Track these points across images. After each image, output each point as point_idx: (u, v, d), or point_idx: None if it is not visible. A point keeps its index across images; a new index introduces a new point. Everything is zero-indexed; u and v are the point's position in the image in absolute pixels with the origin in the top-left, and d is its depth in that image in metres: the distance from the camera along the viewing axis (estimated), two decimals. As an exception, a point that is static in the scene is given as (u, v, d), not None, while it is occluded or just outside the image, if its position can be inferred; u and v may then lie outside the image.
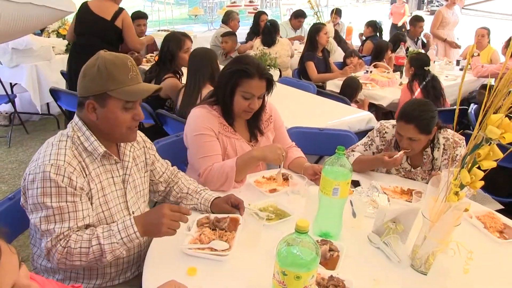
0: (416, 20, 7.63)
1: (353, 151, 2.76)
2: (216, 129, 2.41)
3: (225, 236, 1.87)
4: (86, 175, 1.75)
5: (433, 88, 4.51)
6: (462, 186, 1.65)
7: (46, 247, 1.67)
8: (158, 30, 8.57)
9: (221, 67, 2.61)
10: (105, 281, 1.88)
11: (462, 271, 1.71)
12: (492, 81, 1.76)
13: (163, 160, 2.20)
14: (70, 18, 6.07)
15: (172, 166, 2.26)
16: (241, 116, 2.46)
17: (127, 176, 1.91)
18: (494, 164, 1.57)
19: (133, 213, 1.91)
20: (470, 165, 1.61)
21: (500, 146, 1.58)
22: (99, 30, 4.46)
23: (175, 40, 3.84)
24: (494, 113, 1.53)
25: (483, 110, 1.55)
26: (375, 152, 2.73)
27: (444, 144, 2.58)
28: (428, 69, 4.62)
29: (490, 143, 1.54)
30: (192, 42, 3.92)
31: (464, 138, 2.57)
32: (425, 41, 7.82)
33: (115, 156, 1.86)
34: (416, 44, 7.68)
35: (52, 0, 2.78)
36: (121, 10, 4.51)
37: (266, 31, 6.13)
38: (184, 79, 3.69)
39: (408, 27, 8.46)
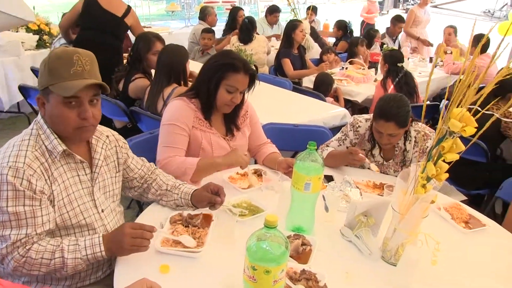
0: (397, 20, 7.73)
1: (327, 146, 2.80)
2: (190, 123, 2.43)
3: (198, 232, 1.87)
4: (48, 176, 1.70)
5: (406, 85, 4.59)
6: (428, 179, 1.69)
7: (0, 254, 1.62)
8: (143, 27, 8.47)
9: (198, 63, 2.62)
10: (75, 282, 1.85)
11: (430, 261, 1.76)
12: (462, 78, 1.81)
13: (138, 157, 2.17)
14: (41, 13, 5.96)
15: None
16: (222, 110, 2.47)
17: (96, 174, 1.87)
18: (457, 157, 1.62)
19: (102, 211, 1.88)
20: (435, 158, 1.66)
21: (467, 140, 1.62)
22: (110, 25, 4.43)
23: (145, 41, 3.77)
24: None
25: (449, 105, 1.60)
26: (349, 146, 2.77)
27: (415, 137, 2.66)
28: (402, 66, 4.69)
29: (453, 136, 1.59)
30: (164, 44, 3.87)
31: (434, 131, 2.63)
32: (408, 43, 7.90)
33: (81, 154, 1.82)
34: (394, 43, 7.77)
35: (11, 7, 2.72)
36: (130, 7, 4.53)
37: (244, 28, 6.11)
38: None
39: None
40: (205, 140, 2.46)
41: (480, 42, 1.59)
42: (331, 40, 8.46)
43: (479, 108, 1.63)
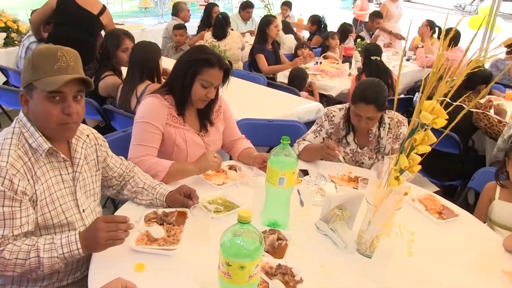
0: (375, 16, 7.79)
1: (304, 140, 2.82)
2: (163, 121, 2.41)
3: (173, 230, 1.86)
4: (31, 176, 1.68)
5: (379, 77, 4.62)
6: (401, 171, 1.70)
7: None
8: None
9: (171, 60, 2.59)
10: (52, 282, 1.83)
11: (405, 252, 1.78)
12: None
13: (117, 156, 2.15)
14: (9, 10, 5.80)
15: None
16: (196, 105, 2.46)
17: (77, 174, 1.85)
18: (429, 149, 1.64)
19: (83, 211, 1.86)
20: (408, 150, 1.67)
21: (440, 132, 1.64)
22: (85, 22, 4.38)
23: (114, 38, 3.72)
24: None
25: (420, 98, 1.62)
26: (324, 137, 2.82)
27: (389, 124, 2.72)
28: (375, 59, 4.73)
29: (425, 128, 1.60)
30: (133, 41, 3.80)
31: (407, 119, 2.69)
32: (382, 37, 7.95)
33: (62, 153, 1.79)
34: (371, 37, 7.83)
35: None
36: (105, 7, 4.51)
37: (217, 24, 6.08)
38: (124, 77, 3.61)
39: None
40: (179, 136, 2.45)
41: (448, 35, 1.60)
42: (305, 35, 8.50)
43: (450, 101, 1.65)
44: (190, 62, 2.38)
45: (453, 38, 5.84)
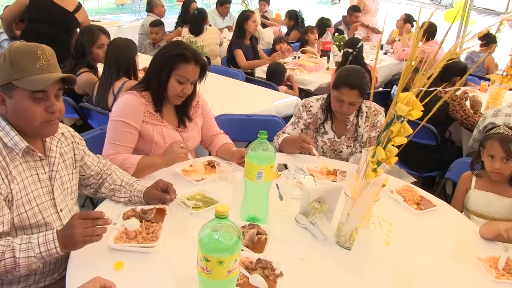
0: (353, 10, 7.82)
1: (283, 132, 2.85)
2: (140, 119, 2.39)
3: (152, 227, 1.85)
4: (5, 175, 1.65)
5: None
6: (379, 163, 1.72)
7: None
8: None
9: (149, 57, 2.57)
10: (28, 284, 1.79)
11: (384, 243, 1.79)
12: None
13: (94, 154, 2.13)
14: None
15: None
16: (173, 101, 2.44)
17: (54, 172, 1.82)
18: (405, 140, 1.65)
19: (61, 210, 1.84)
20: (385, 142, 1.68)
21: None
22: (60, 19, 4.32)
23: (89, 34, 3.68)
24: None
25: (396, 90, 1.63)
26: (302, 128, 2.85)
27: (366, 112, 2.78)
28: (351, 51, 4.77)
29: (402, 120, 1.62)
30: (109, 37, 3.78)
31: (384, 109, 2.72)
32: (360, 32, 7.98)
33: (39, 152, 1.77)
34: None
35: None
36: (81, 5, 4.45)
37: (193, 20, 6.05)
38: (100, 74, 3.58)
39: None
40: (157, 133, 2.43)
41: (422, 28, 1.61)
42: (283, 30, 8.50)
43: (426, 89, 1.66)
44: (166, 57, 2.36)
45: (429, 31, 5.97)
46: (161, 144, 2.43)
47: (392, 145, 1.68)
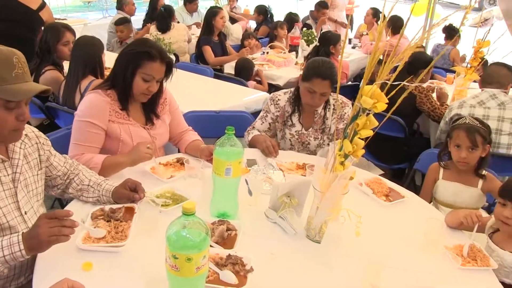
0: (320, 6, 7.84)
1: (253, 127, 2.86)
2: (106, 118, 2.35)
3: (121, 226, 1.82)
4: None
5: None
6: (346, 156, 1.73)
7: None
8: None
9: (116, 55, 2.53)
10: None
11: (353, 235, 1.81)
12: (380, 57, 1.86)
13: (60, 155, 2.08)
14: None
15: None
16: (139, 99, 2.42)
17: (18, 174, 1.77)
18: (371, 133, 1.67)
19: (25, 213, 1.79)
20: (351, 135, 1.69)
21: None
22: (24, 18, 4.22)
23: (54, 31, 3.62)
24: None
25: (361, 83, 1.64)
26: (270, 122, 2.87)
27: (333, 104, 2.81)
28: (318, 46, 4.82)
29: (367, 113, 1.63)
30: (74, 34, 3.72)
31: (351, 101, 2.76)
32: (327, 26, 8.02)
33: (1, 154, 1.72)
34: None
35: None
36: (45, 2, 4.36)
37: (160, 17, 6.01)
38: (66, 72, 3.51)
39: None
40: (124, 132, 2.40)
41: (384, 21, 1.63)
42: (252, 26, 8.50)
43: (391, 82, 1.68)
44: (131, 55, 2.33)
45: (396, 25, 6.04)
46: (128, 142, 2.40)
47: (359, 138, 1.69)
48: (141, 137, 2.43)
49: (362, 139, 1.69)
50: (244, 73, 4.88)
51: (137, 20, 7.15)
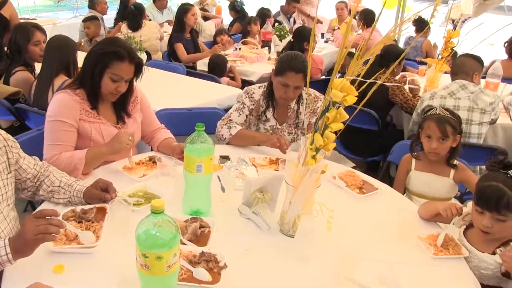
0: (292, 0, 7.86)
1: (230, 120, 2.79)
2: (76, 117, 2.32)
3: (93, 227, 1.80)
4: None
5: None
6: (317, 150, 1.72)
7: None
8: (20, 19, 7.95)
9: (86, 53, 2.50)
10: None
11: (326, 228, 1.81)
12: (353, 51, 1.86)
13: (30, 157, 2.04)
14: None
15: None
16: (107, 99, 2.39)
17: None
18: (341, 126, 1.66)
19: None
20: (322, 129, 1.69)
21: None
22: None
23: (23, 31, 3.54)
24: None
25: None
26: (247, 114, 2.83)
27: (306, 99, 2.80)
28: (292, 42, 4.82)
29: (337, 106, 1.63)
30: (45, 34, 3.65)
31: (323, 95, 2.76)
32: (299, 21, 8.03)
33: None
34: (289, 21, 7.90)
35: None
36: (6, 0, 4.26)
37: (130, 15, 5.96)
38: (38, 73, 3.45)
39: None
40: (95, 131, 2.36)
41: (352, 14, 1.63)
42: (225, 23, 8.48)
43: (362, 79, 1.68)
44: (99, 54, 2.30)
45: (368, 18, 6.09)
46: (99, 141, 2.37)
47: (330, 131, 1.68)
48: (113, 136, 2.39)
49: (334, 132, 1.68)
50: (218, 70, 4.86)
51: (109, 19, 7.06)
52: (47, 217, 1.54)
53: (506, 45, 5.10)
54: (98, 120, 2.39)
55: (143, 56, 4.55)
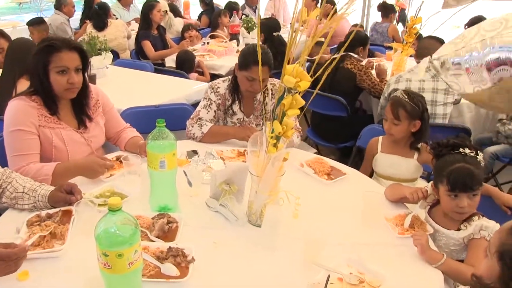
0: None
1: (199, 118, 2.76)
2: (36, 123, 2.26)
3: (58, 230, 1.78)
4: None
5: (280, 54, 4.70)
6: (277, 138, 1.73)
7: None
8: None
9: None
10: None
11: (292, 216, 1.83)
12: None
13: None
14: None
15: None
16: (65, 96, 2.32)
17: None
18: (298, 112, 1.68)
19: None
20: (280, 116, 1.70)
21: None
22: None
23: None
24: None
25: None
26: (216, 110, 2.80)
27: (272, 90, 2.79)
28: (278, 35, 4.82)
29: (292, 93, 1.64)
30: (8, 39, 3.59)
31: None
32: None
33: None
34: (255, 12, 7.89)
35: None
36: None
37: (95, 15, 5.89)
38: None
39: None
40: (56, 137, 2.31)
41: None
42: (193, 17, 8.44)
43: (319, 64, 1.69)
44: (36, 56, 2.25)
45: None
46: (61, 147, 2.32)
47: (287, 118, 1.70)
48: (75, 141, 2.36)
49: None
50: (186, 66, 4.84)
51: (75, 20, 6.95)
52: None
53: (466, 27, 5.17)
54: (58, 126, 2.34)
55: (108, 56, 4.49)
